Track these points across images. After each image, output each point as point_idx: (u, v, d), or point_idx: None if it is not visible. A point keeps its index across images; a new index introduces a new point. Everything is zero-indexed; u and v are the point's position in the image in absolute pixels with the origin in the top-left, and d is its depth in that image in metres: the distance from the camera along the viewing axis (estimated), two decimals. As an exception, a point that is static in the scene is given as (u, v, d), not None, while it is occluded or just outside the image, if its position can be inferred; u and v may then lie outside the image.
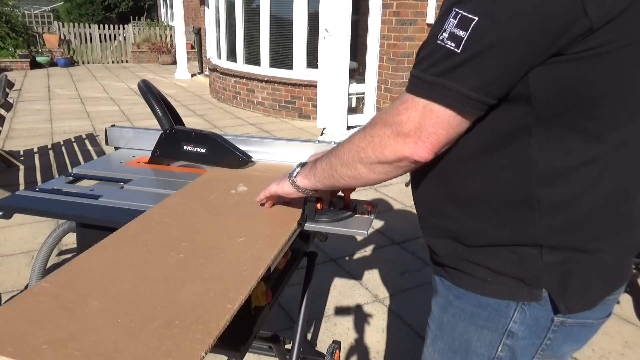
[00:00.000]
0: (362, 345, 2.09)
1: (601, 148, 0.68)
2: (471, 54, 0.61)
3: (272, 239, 0.93)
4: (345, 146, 0.79)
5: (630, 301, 2.45)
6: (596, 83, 0.63)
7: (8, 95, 3.83)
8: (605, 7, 0.59)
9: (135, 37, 13.43)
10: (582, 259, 0.73)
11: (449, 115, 0.65)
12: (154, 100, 1.40)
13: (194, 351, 0.60)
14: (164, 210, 1.06)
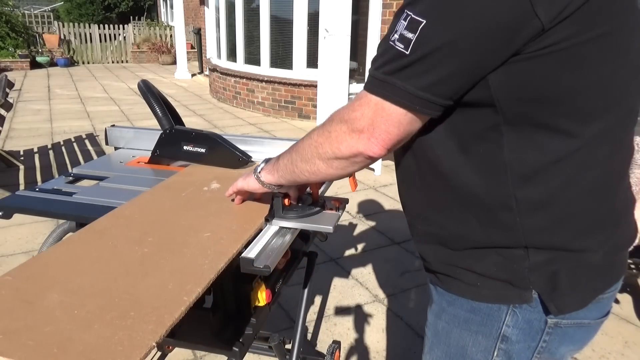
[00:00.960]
0: (362, 345, 2.09)
1: (575, 144, 0.67)
2: (419, 55, 0.62)
3: (237, 234, 0.93)
4: (305, 142, 0.80)
5: (630, 301, 2.45)
6: (558, 80, 0.63)
7: (8, 95, 3.83)
8: (556, 7, 0.59)
9: (135, 37, 13.43)
10: (569, 258, 0.73)
11: (400, 113, 0.67)
12: (154, 100, 1.40)
13: (144, 341, 0.62)
14: (134, 207, 1.07)
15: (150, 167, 1.42)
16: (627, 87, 0.69)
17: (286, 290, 1.22)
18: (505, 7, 0.59)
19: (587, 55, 0.62)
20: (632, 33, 0.67)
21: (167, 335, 0.64)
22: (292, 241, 0.99)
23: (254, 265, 0.86)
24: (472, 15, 0.59)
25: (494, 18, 0.59)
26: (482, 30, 0.60)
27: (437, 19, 0.61)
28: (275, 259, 0.90)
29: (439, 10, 0.61)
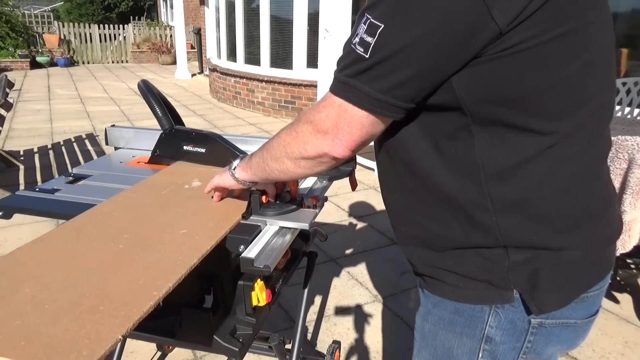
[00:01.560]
0: (362, 345, 2.09)
1: (546, 142, 0.67)
2: (377, 59, 0.63)
3: (212, 231, 0.94)
4: (275, 141, 0.82)
5: (630, 301, 2.45)
6: (522, 81, 0.63)
7: (8, 95, 3.83)
8: (513, 10, 0.58)
9: (135, 37, 13.43)
10: (548, 256, 0.72)
11: (362, 115, 0.67)
12: (154, 100, 1.40)
13: (111, 334, 0.63)
14: (114, 204, 1.08)
15: (150, 167, 1.42)
16: (598, 82, 0.69)
17: (286, 290, 1.22)
18: (462, 11, 0.59)
19: (552, 54, 0.62)
20: (600, 27, 0.67)
21: (134, 328, 0.66)
22: (292, 241, 0.99)
23: (254, 265, 0.86)
24: (428, 20, 0.60)
25: (451, 22, 0.60)
26: (439, 35, 0.60)
27: (394, 24, 0.61)
28: (275, 259, 0.90)
29: (396, 15, 0.61)
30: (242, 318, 1.02)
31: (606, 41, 0.69)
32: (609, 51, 0.71)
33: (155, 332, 1.04)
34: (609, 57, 0.72)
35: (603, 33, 0.68)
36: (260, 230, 0.98)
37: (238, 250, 0.91)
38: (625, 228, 1.91)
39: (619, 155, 1.89)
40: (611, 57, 0.73)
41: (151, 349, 1.94)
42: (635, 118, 3.50)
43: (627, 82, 3.71)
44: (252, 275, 0.99)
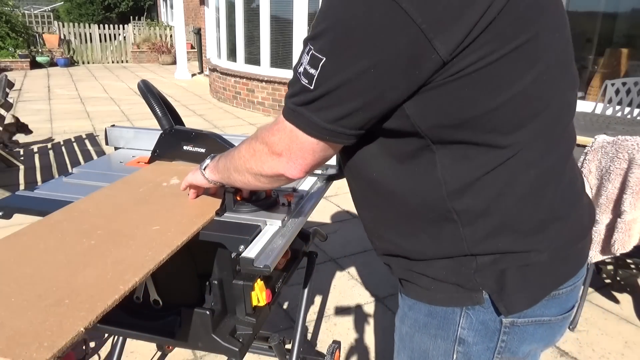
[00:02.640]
0: (362, 345, 2.09)
1: (505, 153, 0.67)
2: (322, 92, 0.63)
3: (185, 227, 0.94)
4: (237, 154, 0.83)
5: (630, 301, 2.45)
6: (474, 102, 0.63)
7: (8, 95, 3.83)
8: (455, 39, 0.58)
9: (135, 37, 13.43)
10: (514, 258, 0.73)
11: (312, 142, 0.68)
12: (154, 100, 1.40)
13: (74, 326, 0.64)
14: (91, 201, 1.09)
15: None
16: (555, 86, 0.68)
17: (286, 290, 1.22)
18: (402, 44, 0.58)
19: (502, 72, 0.62)
20: (552, 30, 0.66)
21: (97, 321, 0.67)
22: (292, 241, 0.99)
23: (254, 265, 0.86)
24: (368, 55, 0.59)
25: (392, 56, 0.59)
26: (380, 69, 0.60)
27: (335, 57, 0.61)
28: (275, 259, 0.90)
29: (337, 49, 0.61)
30: (242, 318, 1.02)
31: (561, 42, 0.68)
32: (566, 50, 0.71)
33: (155, 332, 1.04)
34: (567, 57, 0.71)
35: (556, 34, 0.67)
36: (260, 230, 0.98)
37: (238, 250, 0.91)
38: (625, 228, 1.91)
39: (619, 155, 1.89)
40: (569, 55, 0.72)
41: (151, 349, 1.94)
42: (635, 118, 3.50)
43: (627, 82, 3.70)
44: (252, 275, 0.99)
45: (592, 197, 2.02)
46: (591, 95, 4.96)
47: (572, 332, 2.18)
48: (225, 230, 0.96)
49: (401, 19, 0.57)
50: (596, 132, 2.47)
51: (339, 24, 0.60)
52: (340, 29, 0.60)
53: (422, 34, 0.57)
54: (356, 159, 0.77)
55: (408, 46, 0.58)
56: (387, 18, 0.57)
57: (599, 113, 3.60)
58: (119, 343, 1.53)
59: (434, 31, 0.57)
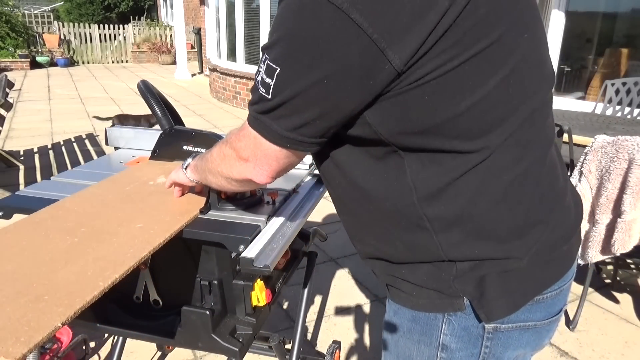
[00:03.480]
0: (362, 345, 2.09)
1: (475, 158, 0.66)
2: (278, 101, 0.63)
3: (168, 225, 0.94)
4: (210, 156, 0.84)
5: (630, 301, 2.45)
6: (435, 109, 0.62)
7: (8, 95, 3.83)
8: (408, 49, 0.57)
9: (135, 37, 13.43)
10: (494, 264, 0.71)
11: (275, 150, 0.69)
12: (154, 100, 1.40)
13: (51, 322, 0.64)
14: (77, 199, 1.09)
15: (150, 167, 1.42)
16: (525, 89, 0.67)
17: (286, 290, 1.22)
18: (354, 55, 0.57)
19: (464, 78, 0.60)
20: (521, 30, 0.65)
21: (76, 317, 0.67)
22: (291, 241, 0.99)
23: (253, 265, 0.86)
24: (321, 65, 0.59)
25: (344, 67, 0.58)
26: (333, 79, 0.59)
27: (288, 68, 0.61)
28: (275, 259, 0.90)
29: (289, 59, 0.60)
30: (242, 318, 1.02)
31: (531, 43, 0.67)
32: (538, 51, 0.69)
33: (155, 332, 1.04)
34: (539, 57, 0.70)
35: (525, 35, 0.66)
36: (260, 230, 0.98)
37: (238, 250, 0.91)
38: (625, 228, 1.91)
39: (619, 155, 1.89)
40: (541, 55, 0.70)
41: (151, 349, 1.94)
42: (635, 118, 3.50)
43: (627, 82, 3.71)
44: (252, 275, 0.99)
45: (592, 197, 2.02)
46: (591, 95, 4.96)
47: (572, 332, 2.18)
48: (225, 230, 0.96)
49: (352, 30, 0.56)
50: (596, 132, 2.47)
51: (291, 35, 0.60)
52: (292, 40, 0.60)
53: (374, 44, 0.56)
54: (329, 166, 0.77)
55: (360, 57, 0.57)
56: (338, 29, 0.56)
57: (599, 113, 3.60)
58: (119, 343, 1.53)
59: (386, 41, 0.56)
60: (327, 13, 0.56)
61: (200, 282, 1.01)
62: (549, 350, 2.06)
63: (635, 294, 2.52)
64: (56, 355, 1.74)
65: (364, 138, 0.68)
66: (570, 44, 5.02)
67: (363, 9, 0.56)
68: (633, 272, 2.73)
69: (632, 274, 2.72)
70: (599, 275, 2.66)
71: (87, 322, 1.07)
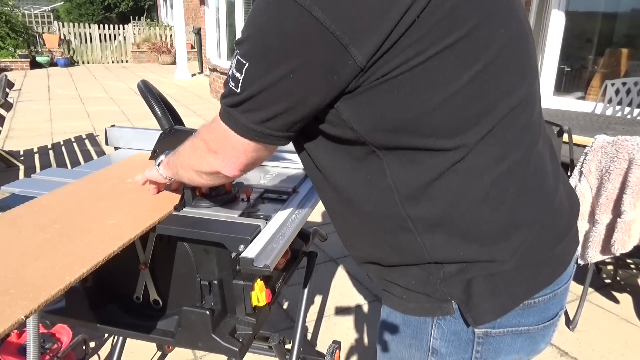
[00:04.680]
0: (362, 345, 2.10)
1: (452, 158, 0.66)
2: (247, 95, 0.65)
3: (140, 221, 0.95)
4: (182, 150, 0.86)
5: (630, 301, 2.45)
6: (406, 104, 0.62)
7: (8, 95, 3.83)
8: (371, 45, 0.58)
9: (135, 37, 13.43)
10: (480, 267, 0.71)
11: (243, 142, 0.70)
12: (154, 100, 1.40)
13: (14, 314, 0.65)
14: (53, 197, 1.10)
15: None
16: (502, 85, 0.66)
17: (286, 290, 1.22)
18: (318, 51, 0.59)
19: (433, 73, 0.61)
20: (498, 25, 0.64)
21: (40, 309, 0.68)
22: (291, 241, 0.99)
23: (253, 265, 0.86)
24: (286, 61, 0.61)
25: (308, 62, 0.60)
26: (298, 74, 0.61)
27: (257, 63, 0.63)
28: (275, 259, 0.90)
29: (257, 55, 0.63)
30: (242, 318, 1.02)
31: (507, 38, 0.66)
32: (516, 45, 0.68)
33: (155, 332, 1.04)
34: (517, 52, 0.69)
35: (501, 30, 0.65)
36: (260, 230, 0.98)
37: (238, 250, 0.91)
38: (625, 228, 1.91)
39: (619, 155, 1.89)
40: (520, 50, 0.69)
41: (151, 349, 1.94)
42: (635, 118, 3.50)
43: (627, 82, 3.71)
44: (252, 275, 0.99)
45: (592, 197, 2.02)
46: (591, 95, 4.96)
47: (572, 332, 2.18)
48: (225, 230, 0.96)
49: (315, 27, 0.58)
50: (596, 132, 2.47)
51: (258, 32, 0.62)
52: (259, 37, 0.62)
53: (337, 41, 0.58)
54: (315, 171, 0.79)
55: (324, 53, 0.59)
56: (301, 27, 0.58)
57: (599, 113, 3.60)
58: (119, 343, 1.53)
59: (349, 38, 0.58)
60: (291, 11, 0.58)
61: (200, 282, 1.01)
62: (549, 350, 2.06)
63: (635, 294, 2.52)
64: (56, 355, 1.74)
65: (343, 138, 0.69)
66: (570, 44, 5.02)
67: (325, 7, 0.57)
68: (633, 272, 2.74)
69: (632, 274, 2.72)
70: (599, 275, 2.66)
71: (87, 322, 1.08)
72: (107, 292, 1.09)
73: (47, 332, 1.78)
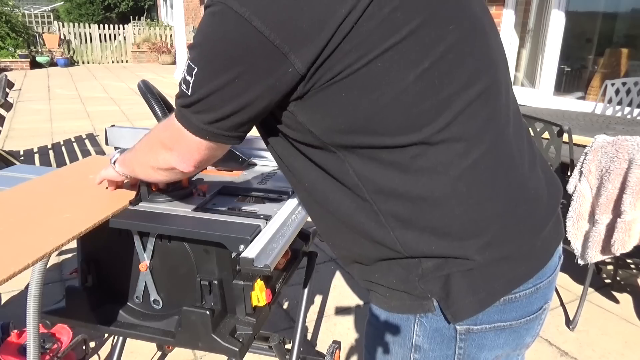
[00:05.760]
0: (362, 345, 2.09)
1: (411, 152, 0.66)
2: (197, 98, 0.68)
3: (94, 215, 0.97)
4: (138, 147, 0.90)
5: (630, 301, 2.45)
6: (354, 105, 0.64)
7: (8, 95, 3.83)
8: (310, 53, 0.61)
9: (135, 37, 13.43)
10: (456, 262, 0.70)
11: (196, 141, 0.73)
12: (154, 100, 1.40)
13: None
14: (13, 192, 1.11)
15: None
16: (455, 81, 0.66)
17: (286, 290, 1.22)
18: (260, 59, 0.62)
19: (378, 74, 0.62)
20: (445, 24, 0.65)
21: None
22: (292, 241, 0.99)
23: (254, 265, 0.86)
24: (232, 67, 0.64)
25: (252, 69, 0.64)
26: (242, 80, 0.65)
27: (204, 69, 0.66)
28: (276, 259, 0.90)
29: (204, 61, 0.66)
30: (242, 318, 1.02)
31: (458, 34, 0.66)
32: (472, 40, 0.68)
33: (155, 332, 1.04)
34: (477, 44, 0.69)
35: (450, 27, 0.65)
36: (260, 230, 0.98)
37: (238, 250, 0.91)
38: (625, 228, 1.91)
39: (619, 155, 1.89)
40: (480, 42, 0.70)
41: (151, 349, 1.94)
42: (635, 118, 3.50)
43: (627, 82, 3.71)
44: (252, 275, 0.99)
45: (592, 197, 2.02)
46: (591, 95, 4.96)
47: (572, 332, 2.18)
48: (225, 229, 0.96)
49: (255, 37, 0.61)
50: (596, 132, 2.47)
51: (205, 39, 0.66)
52: (206, 44, 0.66)
53: (277, 49, 0.61)
54: (290, 176, 0.81)
55: (265, 61, 0.62)
56: (242, 36, 0.62)
57: (599, 113, 3.60)
58: (119, 343, 1.53)
59: (289, 46, 0.61)
60: (232, 21, 0.61)
61: (201, 282, 1.01)
62: (549, 350, 2.06)
63: (635, 294, 2.52)
64: (56, 355, 1.74)
65: (305, 141, 0.72)
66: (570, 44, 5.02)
67: (265, 17, 0.60)
68: (633, 272, 2.74)
69: (632, 274, 2.72)
70: (599, 275, 2.66)
71: (87, 322, 1.08)
72: (107, 292, 1.09)
73: (47, 332, 1.78)
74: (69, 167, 1.30)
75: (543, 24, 5.04)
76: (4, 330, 1.78)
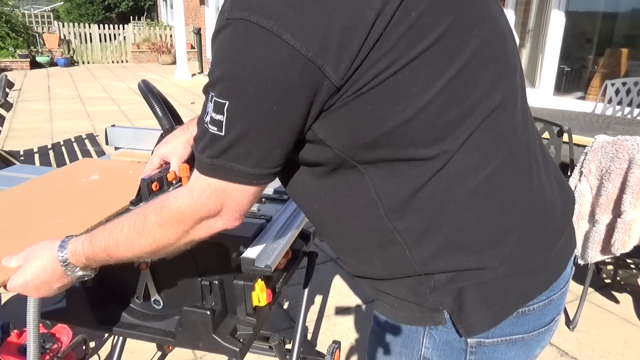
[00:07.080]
0: (362, 345, 2.09)
1: (433, 165, 0.65)
2: (234, 136, 0.61)
3: (86, 220, 0.96)
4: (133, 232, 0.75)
5: (630, 301, 2.45)
6: (380, 117, 0.61)
7: (8, 95, 3.83)
8: (344, 63, 0.57)
9: (135, 37, 13.43)
10: (470, 275, 0.69)
11: (244, 189, 0.66)
12: (154, 100, 1.40)
13: None
14: (2, 197, 1.11)
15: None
16: (479, 89, 0.64)
17: (286, 290, 1.22)
18: (294, 75, 0.57)
19: (406, 83, 0.60)
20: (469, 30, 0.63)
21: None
22: (292, 241, 0.99)
23: (254, 265, 0.86)
24: (267, 91, 0.58)
25: (288, 88, 0.58)
26: (282, 102, 0.59)
27: (238, 99, 0.60)
28: (276, 259, 0.90)
29: (236, 90, 0.60)
30: (242, 318, 1.02)
31: (483, 38, 0.64)
32: (494, 45, 0.67)
33: (155, 332, 1.04)
34: (495, 52, 0.67)
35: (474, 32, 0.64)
36: (261, 230, 0.98)
37: (239, 250, 0.91)
38: (625, 228, 1.91)
39: (619, 155, 1.89)
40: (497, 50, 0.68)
41: (151, 349, 1.94)
42: (635, 118, 3.50)
43: (627, 82, 3.71)
44: (253, 275, 0.99)
45: (592, 197, 2.02)
46: (591, 95, 4.96)
47: (572, 332, 2.18)
48: (225, 230, 0.95)
49: (286, 51, 0.56)
50: (596, 132, 2.47)
51: (231, 67, 0.59)
52: (233, 71, 0.59)
53: (311, 63, 0.57)
54: (298, 195, 0.77)
55: (300, 77, 0.58)
56: (273, 53, 0.57)
57: (599, 113, 3.60)
58: (119, 343, 1.53)
59: (322, 58, 0.57)
60: (260, 38, 0.57)
61: (201, 282, 1.01)
62: (549, 350, 2.06)
63: (635, 294, 2.52)
64: (56, 355, 1.74)
65: (323, 159, 0.68)
66: (570, 44, 5.03)
67: (293, 29, 0.56)
68: (633, 272, 2.74)
69: (632, 274, 2.72)
70: (599, 275, 2.66)
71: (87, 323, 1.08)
72: (108, 293, 1.09)
73: (47, 332, 1.79)
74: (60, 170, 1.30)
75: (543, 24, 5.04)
76: (4, 330, 1.78)
